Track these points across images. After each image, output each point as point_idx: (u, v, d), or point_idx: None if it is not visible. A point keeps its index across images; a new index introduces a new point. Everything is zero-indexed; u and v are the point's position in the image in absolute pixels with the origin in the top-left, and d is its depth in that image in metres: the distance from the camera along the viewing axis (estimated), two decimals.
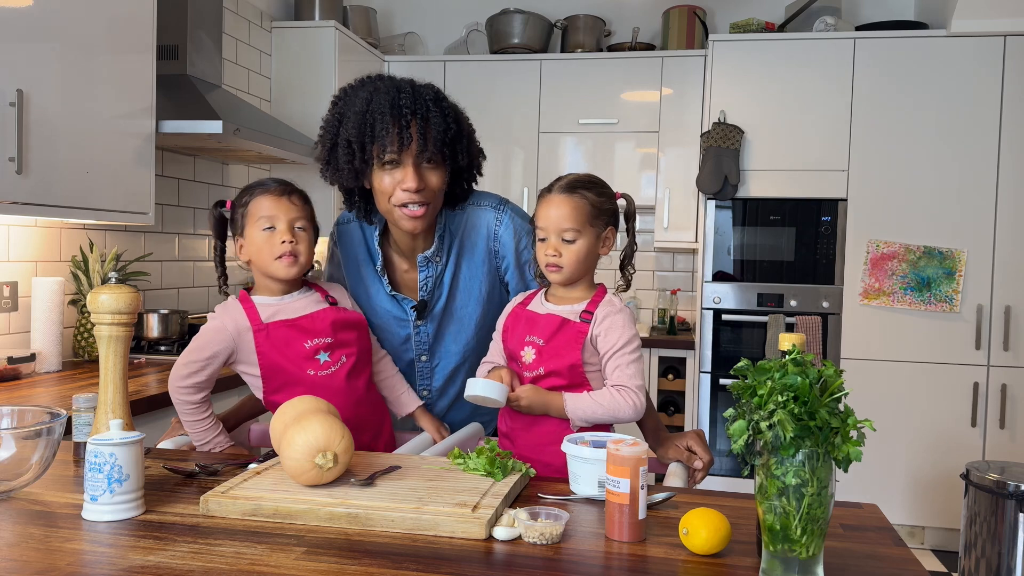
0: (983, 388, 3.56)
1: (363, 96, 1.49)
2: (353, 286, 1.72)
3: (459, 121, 1.54)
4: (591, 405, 1.45)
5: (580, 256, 1.48)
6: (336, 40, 3.73)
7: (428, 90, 1.51)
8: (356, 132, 1.47)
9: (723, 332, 3.80)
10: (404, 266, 1.69)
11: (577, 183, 1.50)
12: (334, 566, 0.97)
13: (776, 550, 0.93)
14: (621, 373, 1.46)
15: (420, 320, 1.68)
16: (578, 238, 1.48)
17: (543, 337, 1.49)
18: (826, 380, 0.92)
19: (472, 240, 1.67)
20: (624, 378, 1.45)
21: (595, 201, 1.49)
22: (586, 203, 1.48)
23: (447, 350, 1.72)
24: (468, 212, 1.67)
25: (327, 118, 1.55)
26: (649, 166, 4.07)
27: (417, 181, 1.48)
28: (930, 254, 3.59)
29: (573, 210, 1.47)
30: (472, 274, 1.67)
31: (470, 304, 1.68)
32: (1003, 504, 1.67)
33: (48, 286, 2.42)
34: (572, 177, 1.52)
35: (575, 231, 1.47)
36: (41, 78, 2.09)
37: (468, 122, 1.59)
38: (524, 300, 1.59)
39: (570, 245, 1.48)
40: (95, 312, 1.30)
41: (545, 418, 1.48)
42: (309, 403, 1.31)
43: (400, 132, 1.45)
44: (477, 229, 1.67)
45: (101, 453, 1.12)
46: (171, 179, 3.16)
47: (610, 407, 1.44)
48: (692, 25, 4.12)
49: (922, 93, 3.58)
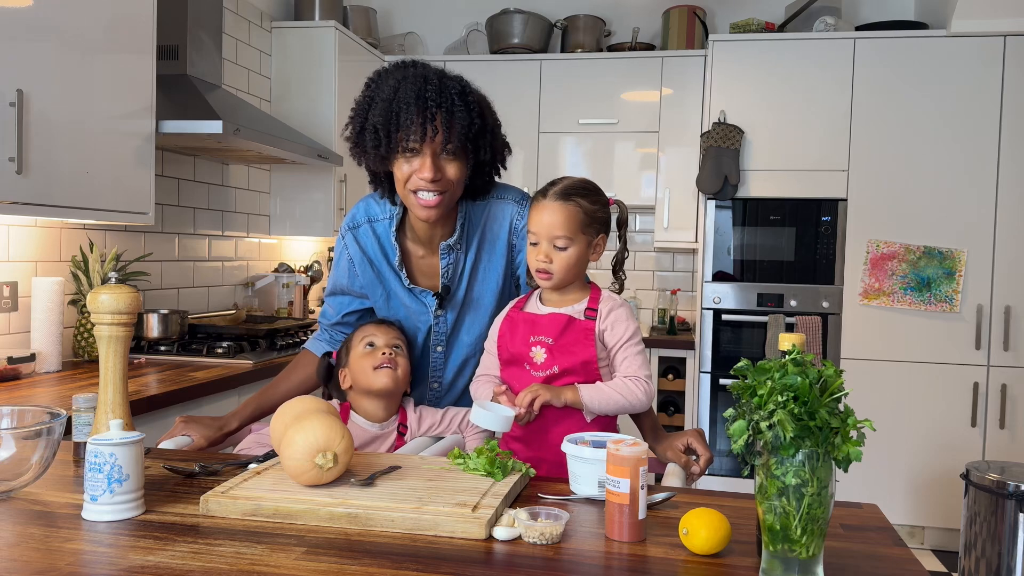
0: (983, 388, 3.56)
1: (391, 84, 1.49)
2: (370, 285, 1.72)
3: (483, 115, 1.53)
4: (609, 394, 1.47)
5: (570, 263, 1.49)
6: (336, 40, 3.73)
7: (455, 83, 1.51)
8: (383, 119, 1.47)
9: (723, 332, 3.80)
10: (420, 252, 1.69)
11: (572, 190, 1.50)
12: (334, 566, 0.97)
13: (776, 550, 0.93)
14: (630, 364, 1.50)
15: (440, 309, 1.69)
16: (570, 245, 1.48)
17: (551, 336, 1.50)
18: (826, 380, 0.92)
19: (493, 232, 1.68)
20: (634, 368, 1.50)
21: (588, 209, 1.49)
22: (580, 211, 1.48)
23: (461, 341, 1.74)
24: (491, 204, 1.68)
25: (359, 100, 1.55)
26: (649, 166, 4.07)
27: (433, 171, 1.48)
28: (930, 254, 3.59)
29: (566, 218, 1.48)
30: (491, 266, 1.69)
31: (486, 295, 1.70)
32: (1003, 504, 1.67)
33: (48, 286, 2.42)
34: (567, 183, 1.52)
35: (567, 239, 1.48)
36: (41, 78, 2.09)
37: (494, 116, 1.59)
38: (517, 304, 1.60)
39: (561, 252, 1.49)
40: (95, 312, 1.30)
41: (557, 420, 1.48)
42: (309, 403, 1.31)
43: (424, 123, 1.45)
44: (499, 221, 1.68)
45: (101, 453, 1.12)
46: (171, 179, 3.16)
47: (626, 395, 1.48)
48: (692, 25, 4.12)
49: (922, 93, 3.58)
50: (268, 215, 3.86)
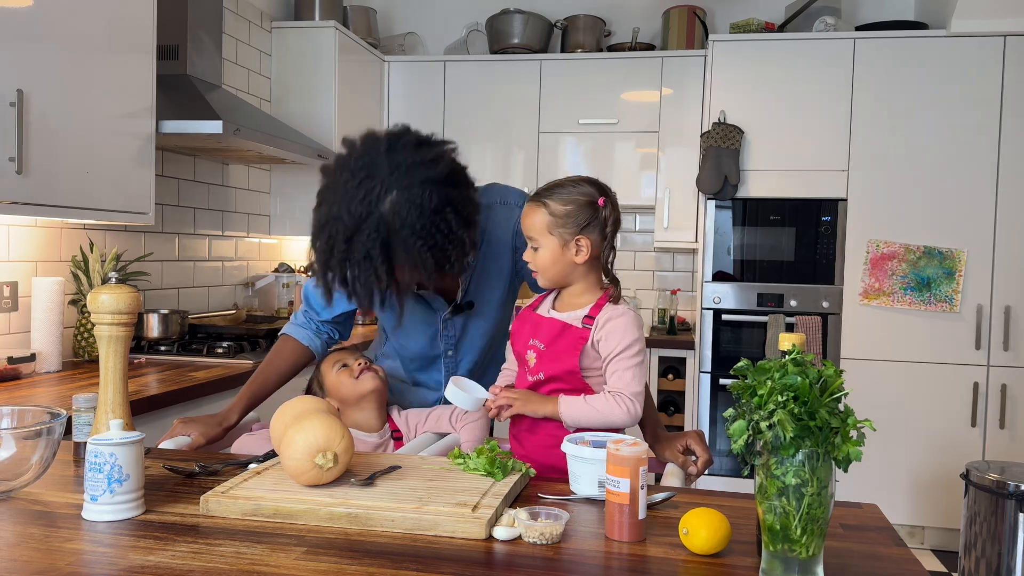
0: (983, 388, 3.56)
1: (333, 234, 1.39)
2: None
3: (427, 236, 1.38)
4: (585, 410, 1.44)
5: (545, 263, 1.48)
6: (336, 40, 3.73)
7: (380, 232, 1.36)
8: (340, 279, 1.42)
9: (723, 332, 3.80)
10: None
11: (545, 191, 1.49)
12: (334, 566, 0.97)
13: (776, 550, 0.93)
14: (619, 379, 1.45)
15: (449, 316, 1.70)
16: (540, 246, 1.48)
17: (544, 341, 1.49)
18: (826, 380, 0.92)
19: (497, 236, 1.69)
20: (621, 384, 1.44)
21: (555, 210, 1.45)
22: (544, 212, 1.46)
23: (472, 344, 1.75)
24: (495, 209, 1.69)
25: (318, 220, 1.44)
26: (649, 166, 4.07)
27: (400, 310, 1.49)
28: (930, 254, 3.59)
29: (531, 219, 1.48)
30: (498, 269, 1.70)
31: (495, 299, 1.71)
32: (1003, 504, 1.67)
33: (48, 286, 2.42)
34: (551, 183, 1.51)
35: (534, 240, 1.48)
36: (41, 78, 2.09)
37: (434, 220, 1.38)
38: (534, 303, 1.60)
39: (535, 252, 1.49)
40: (95, 312, 1.30)
41: (545, 421, 1.48)
42: (309, 403, 1.31)
43: (370, 305, 1.45)
44: (501, 226, 1.69)
45: (101, 453, 1.12)
46: (171, 179, 3.16)
47: (604, 412, 1.43)
48: (692, 25, 4.12)
49: (922, 93, 3.58)
50: (268, 215, 3.85)
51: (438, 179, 1.38)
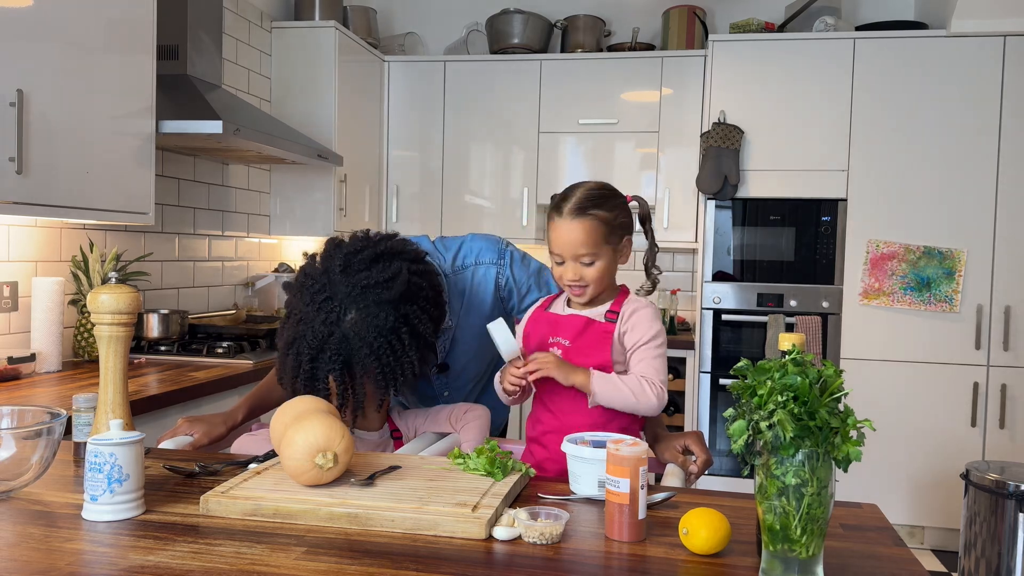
0: (983, 388, 3.56)
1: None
2: None
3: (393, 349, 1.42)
4: (618, 387, 1.43)
5: (600, 275, 1.47)
6: (336, 40, 3.73)
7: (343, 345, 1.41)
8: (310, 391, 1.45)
9: (723, 332, 3.80)
10: None
11: (586, 202, 1.45)
12: (334, 566, 0.97)
13: (776, 550, 0.93)
14: (647, 366, 1.45)
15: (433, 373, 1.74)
16: (596, 260, 1.46)
17: (568, 337, 1.49)
18: (826, 380, 0.92)
19: (480, 298, 1.71)
20: (650, 371, 1.44)
21: (606, 218, 1.45)
22: (598, 223, 1.44)
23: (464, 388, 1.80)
24: (472, 271, 1.70)
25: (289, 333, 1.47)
26: (649, 166, 4.07)
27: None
28: (930, 254, 3.59)
29: (586, 234, 1.44)
30: (475, 328, 1.70)
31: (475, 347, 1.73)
32: (1003, 504, 1.67)
33: (48, 286, 2.42)
34: (581, 194, 1.46)
35: (592, 254, 1.45)
36: (41, 78, 2.09)
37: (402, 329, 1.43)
38: (544, 303, 1.59)
39: (588, 267, 1.46)
40: (95, 312, 1.30)
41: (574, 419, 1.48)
42: (309, 403, 1.31)
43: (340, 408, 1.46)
44: (483, 286, 1.71)
45: (101, 453, 1.12)
46: (171, 179, 3.16)
47: (637, 394, 1.42)
48: (692, 25, 4.12)
49: (922, 93, 3.58)
50: (268, 215, 3.85)
51: (392, 300, 1.41)
